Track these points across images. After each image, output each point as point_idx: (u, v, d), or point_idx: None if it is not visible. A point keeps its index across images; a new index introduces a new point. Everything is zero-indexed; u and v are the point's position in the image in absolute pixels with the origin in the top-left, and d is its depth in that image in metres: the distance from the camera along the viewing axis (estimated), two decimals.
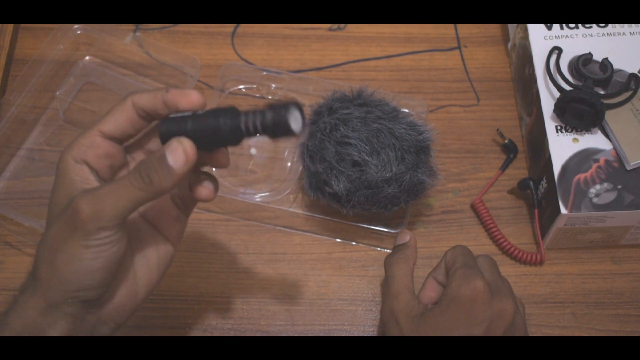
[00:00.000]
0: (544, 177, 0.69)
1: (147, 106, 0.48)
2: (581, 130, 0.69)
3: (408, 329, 0.56)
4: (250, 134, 0.46)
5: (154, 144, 0.52)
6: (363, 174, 0.63)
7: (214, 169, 0.73)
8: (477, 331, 0.54)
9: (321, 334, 0.66)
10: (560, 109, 0.68)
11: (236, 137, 0.46)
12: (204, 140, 0.46)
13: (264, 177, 0.73)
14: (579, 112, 0.67)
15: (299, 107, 0.45)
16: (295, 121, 0.45)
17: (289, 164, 0.73)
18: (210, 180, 0.50)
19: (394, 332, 0.57)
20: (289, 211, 0.70)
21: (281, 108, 0.45)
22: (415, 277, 0.61)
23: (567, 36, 0.74)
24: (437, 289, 0.60)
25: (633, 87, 0.69)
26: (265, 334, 0.66)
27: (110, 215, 0.46)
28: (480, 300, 0.54)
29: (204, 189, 0.50)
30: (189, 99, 0.48)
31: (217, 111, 0.47)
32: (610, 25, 0.74)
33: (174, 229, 0.53)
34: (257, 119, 0.46)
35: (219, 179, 0.72)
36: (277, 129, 0.45)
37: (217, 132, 0.46)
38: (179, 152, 0.45)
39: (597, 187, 0.66)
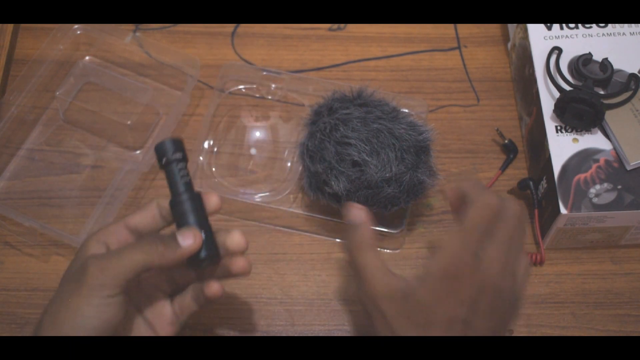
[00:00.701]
0: (544, 177, 0.69)
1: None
2: (581, 130, 0.69)
3: (392, 313, 0.53)
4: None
5: None
6: (363, 174, 0.63)
7: (214, 169, 0.73)
8: (461, 310, 0.52)
9: (321, 334, 0.66)
10: (560, 109, 0.68)
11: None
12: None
13: (263, 177, 0.73)
14: (579, 112, 0.67)
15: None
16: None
17: (289, 164, 0.73)
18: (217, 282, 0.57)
19: (379, 321, 0.55)
20: (289, 211, 0.70)
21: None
22: None
23: (567, 36, 0.74)
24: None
25: (633, 87, 0.69)
26: (265, 334, 0.66)
27: (114, 272, 0.51)
28: (461, 273, 0.51)
29: (213, 285, 0.57)
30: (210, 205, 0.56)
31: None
32: (610, 25, 0.74)
33: (166, 331, 0.58)
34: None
35: (220, 179, 0.72)
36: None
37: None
38: (190, 235, 0.53)
39: (597, 187, 0.66)
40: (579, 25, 0.74)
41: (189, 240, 0.53)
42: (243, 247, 0.57)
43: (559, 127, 0.69)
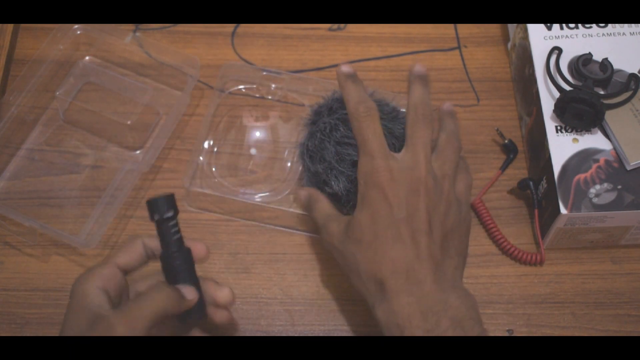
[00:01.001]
0: (544, 177, 0.69)
1: (156, 248, 0.58)
2: (581, 131, 0.69)
3: (341, 242, 0.58)
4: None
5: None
6: None
7: (214, 169, 0.73)
8: (398, 211, 0.55)
9: (321, 334, 0.66)
10: (560, 109, 0.68)
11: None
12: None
13: (263, 177, 0.73)
14: (579, 112, 0.67)
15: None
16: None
17: (289, 164, 0.73)
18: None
19: (339, 259, 0.59)
20: (289, 211, 0.70)
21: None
22: None
23: (567, 36, 0.74)
24: None
25: (633, 87, 0.69)
26: (265, 334, 0.66)
27: (140, 324, 0.53)
28: (385, 181, 0.56)
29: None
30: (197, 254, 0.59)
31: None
32: (610, 25, 0.74)
33: None
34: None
35: (220, 179, 0.72)
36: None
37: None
38: (191, 291, 0.56)
39: (597, 187, 0.66)
40: (579, 25, 0.74)
41: (191, 295, 0.56)
42: (230, 303, 0.59)
43: (559, 127, 0.69)
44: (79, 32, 0.79)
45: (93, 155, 0.74)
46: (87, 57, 0.80)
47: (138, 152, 0.75)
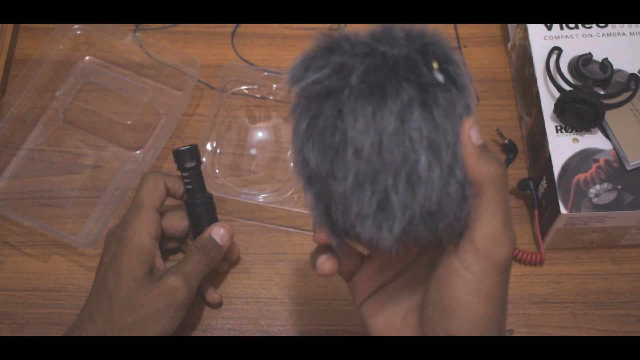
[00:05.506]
0: (544, 177, 0.69)
1: (173, 187, 0.65)
2: (581, 131, 0.69)
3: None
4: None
5: None
6: None
7: (217, 171, 0.73)
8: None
9: (321, 334, 0.66)
10: (560, 109, 0.68)
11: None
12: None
13: (266, 177, 0.73)
14: (579, 112, 0.67)
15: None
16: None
17: (292, 164, 0.73)
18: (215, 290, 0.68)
19: None
20: (293, 211, 0.70)
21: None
22: None
23: (567, 36, 0.74)
24: None
25: (633, 87, 0.69)
26: (265, 334, 0.66)
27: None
28: None
29: (214, 294, 0.67)
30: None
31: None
32: (610, 25, 0.74)
33: None
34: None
35: (222, 179, 0.72)
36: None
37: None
38: (224, 232, 0.64)
39: (597, 187, 0.66)
40: (579, 25, 0.74)
41: (225, 237, 0.63)
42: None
43: (559, 127, 0.69)
44: (79, 32, 0.79)
45: (93, 155, 0.74)
46: (87, 57, 0.80)
47: (138, 152, 0.75)
